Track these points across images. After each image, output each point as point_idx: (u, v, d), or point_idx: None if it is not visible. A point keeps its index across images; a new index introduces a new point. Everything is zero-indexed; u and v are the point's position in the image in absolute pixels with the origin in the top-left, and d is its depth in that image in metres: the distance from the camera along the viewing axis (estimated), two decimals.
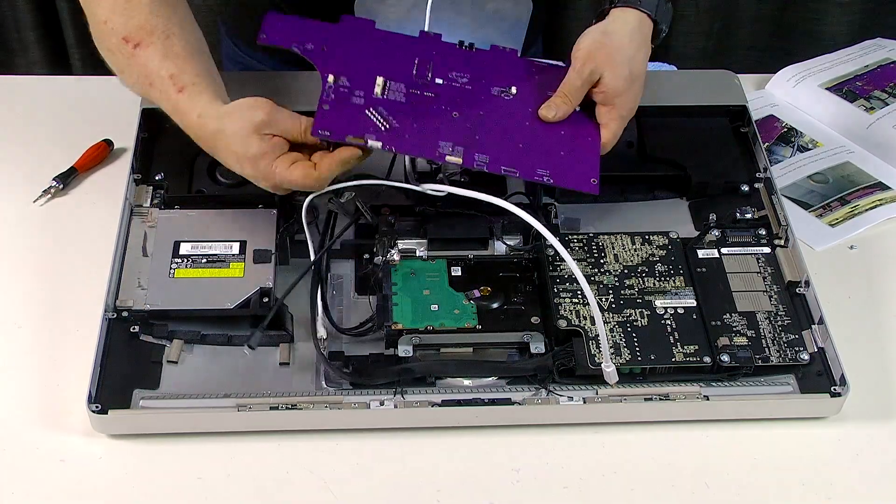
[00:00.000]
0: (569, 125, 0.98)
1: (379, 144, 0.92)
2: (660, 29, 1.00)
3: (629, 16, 0.99)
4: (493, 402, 0.90)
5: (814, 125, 1.25)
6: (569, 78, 0.97)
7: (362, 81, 0.96)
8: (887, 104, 1.24)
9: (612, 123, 0.98)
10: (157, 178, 1.04)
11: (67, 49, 1.68)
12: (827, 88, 1.27)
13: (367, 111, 0.94)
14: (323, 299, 0.95)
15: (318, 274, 0.96)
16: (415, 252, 0.99)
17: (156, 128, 1.07)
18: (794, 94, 1.28)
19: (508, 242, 1.00)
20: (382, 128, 0.93)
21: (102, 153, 1.14)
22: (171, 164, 1.04)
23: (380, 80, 0.97)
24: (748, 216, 1.03)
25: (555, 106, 0.98)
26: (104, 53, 0.99)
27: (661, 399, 0.90)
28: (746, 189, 1.07)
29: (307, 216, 0.97)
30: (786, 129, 1.24)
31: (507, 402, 0.90)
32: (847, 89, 1.26)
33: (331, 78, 0.95)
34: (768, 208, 1.05)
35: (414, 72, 0.98)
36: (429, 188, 0.96)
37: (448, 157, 0.93)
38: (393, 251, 0.97)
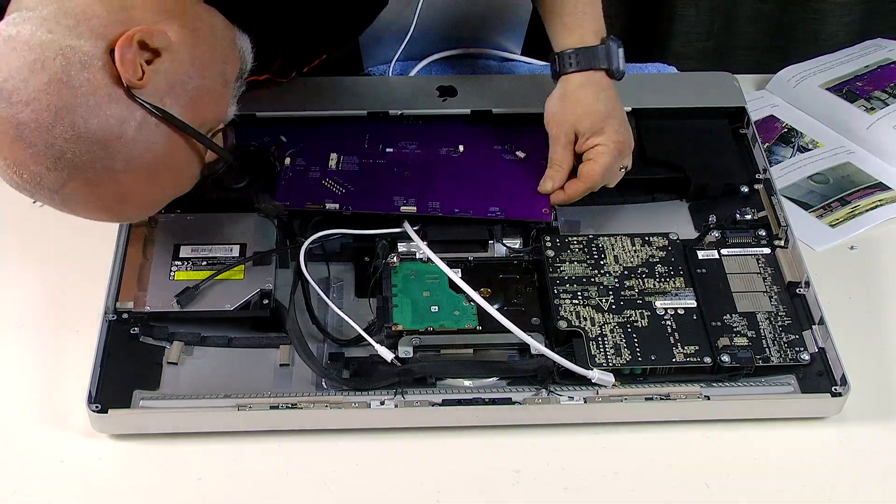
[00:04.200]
0: (515, 169, 1.05)
1: (336, 206, 0.99)
2: (614, 75, 1.00)
3: (572, 77, 0.99)
4: (493, 401, 0.89)
5: (814, 125, 1.24)
6: (551, 148, 1.01)
7: (317, 159, 1.04)
8: (887, 104, 1.24)
9: (600, 157, 0.99)
10: None
11: None
12: (827, 89, 1.27)
13: (322, 182, 1.02)
14: (309, 307, 0.96)
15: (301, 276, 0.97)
16: (415, 254, 0.99)
17: None
18: (794, 94, 1.28)
19: (508, 244, 1.00)
20: (338, 193, 1.01)
21: None
22: None
23: (333, 155, 1.05)
24: (748, 217, 1.03)
25: (549, 178, 1.01)
26: None
27: (661, 399, 0.90)
28: (746, 190, 1.07)
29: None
30: (786, 130, 1.24)
31: (508, 401, 0.89)
32: (847, 90, 1.26)
33: (287, 160, 1.04)
34: (768, 209, 1.05)
35: (366, 146, 1.06)
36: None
37: (402, 208, 0.99)
38: (393, 254, 0.98)
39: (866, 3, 1.57)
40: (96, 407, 0.87)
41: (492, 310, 0.91)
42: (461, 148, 1.07)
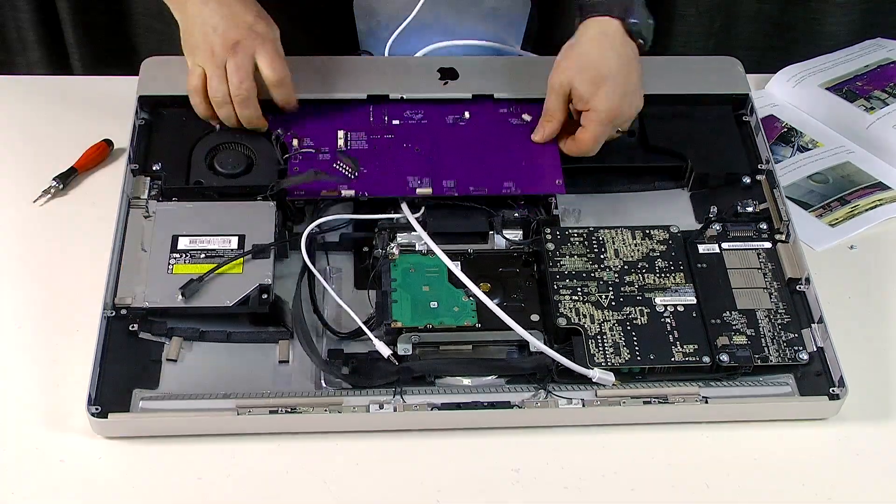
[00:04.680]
0: (525, 137, 1.06)
1: (352, 192, 1.00)
2: (632, 30, 1.02)
3: (591, 25, 1.02)
4: (492, 405, 0.89)
5: (814, 125, 1.24)
6: (547, 95, 1.03)
7: (325, 139, 1.05)
8: (887, 104, 1.24)
9: (590, 125, 1.00)
10: (154, 168, 1.03)
11: (67, 49, 1.68)
12: (827, 88, 1.27)
13: (334, 165, 1.03)
14: (312, 299, 0.96)
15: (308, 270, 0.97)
16: (414, 246, 0.98)
17: (153, 116, 1.08)
18: (794, 94, 1.28)
19: (508, 237, 1.00)
20: (352, 176, 1.02)
21: (102, 153, 1.14)
22: (168, 154, 1.04)
23: (341, 133, 1.05)
24: (749, 209, 1.03)
25: (541, 127, 1.04)
26: None
27: (660, 402, 0.90)
28: (748, 181, 1.07)
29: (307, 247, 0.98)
30: (786, 129, 1.24)
31: (507, 405, 0.89)
32: (847, 89, 1.26)
33: (295, 142, 1.04)
34: (769, 201, 1.05)
35: (371, 119, 1.06)
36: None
37: (418, 190, 1.00)
38: (392, 245, 0.98)
39: (866, 2, 1.57)
40: (96, 409, 0.86)
41: (496, 309, 0.91)
42: (467, 115, 1.08)
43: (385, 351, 0.90)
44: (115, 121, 1.14)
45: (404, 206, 0.99)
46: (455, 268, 0.93)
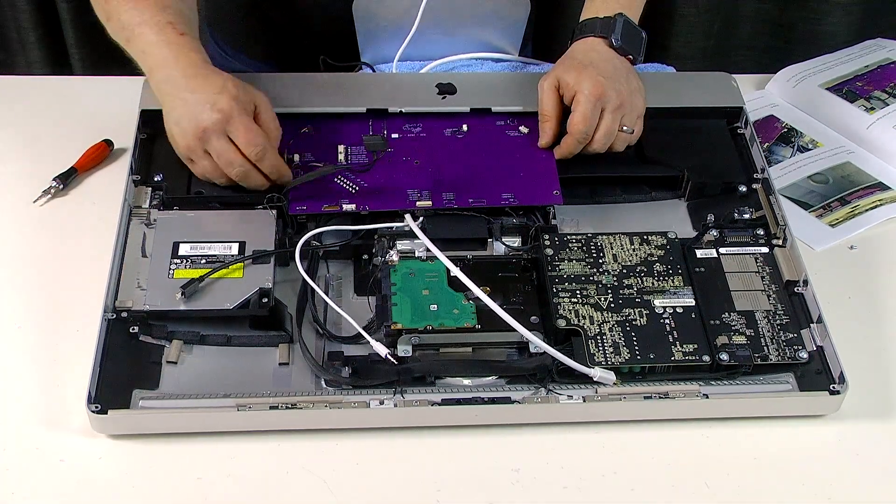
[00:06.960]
0: (523, 148, 1.07)
1: (353, 207, 1.00)
2: (615, 47, 1.07)
3: (578, 43, 1.09)
4: (492, 401, 0.90)
5: (814, 125, 1.25)
6: (539, 102, 1.06)
7: (326, 154, 1.05)
8: (887, 104, 1.24)
9: (578, 106, 1.02)
10: (155, 178, 1.04)
11: (67, 49, 1.68)
12: (827, 88, 1.27)
13: (335, 179, 1.03)
14: (311, 303, 0.96)
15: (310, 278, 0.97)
16: (413, 252, 0.99)
17: (155, 128, 1.07)
18: (794, 94, 1.28)
19: (507, 243, 1.01)
20: (353, 191, 1.02)
21: (102, 153, 1.14)
22: (169, 165, 1.04)
23: (341, 147, 1.06)
24: (746, 216, 1.03)
25: (542, 132, 1.06)
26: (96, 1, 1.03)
27: (660, 398, 0.90)
28: (744, 190, 1.07)
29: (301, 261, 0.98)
30: (786, 130, 1.24)
31: (507, 401, 0.90)
32: (847, 89, 1.26)
33: (296, 157, 1.04)
34: (766, 208, 1.05)
35: (370, 133, 1.06)
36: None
37: (418, 203, 1.01)
38: (392, 252, 0.98)
39: (866, 3, 1.57)
40: (96, 407, 0.87)
41: (497, 308, 0.91)
42: (465, 127, 1.08)
43: (382, 350, 0.90)
44: (115, 121, 1.15)
45: (408, 217, 0.99)
46: (456, 269, 0.94)
